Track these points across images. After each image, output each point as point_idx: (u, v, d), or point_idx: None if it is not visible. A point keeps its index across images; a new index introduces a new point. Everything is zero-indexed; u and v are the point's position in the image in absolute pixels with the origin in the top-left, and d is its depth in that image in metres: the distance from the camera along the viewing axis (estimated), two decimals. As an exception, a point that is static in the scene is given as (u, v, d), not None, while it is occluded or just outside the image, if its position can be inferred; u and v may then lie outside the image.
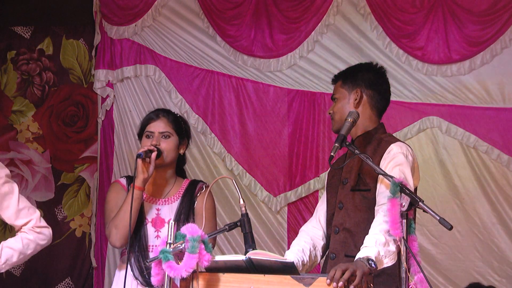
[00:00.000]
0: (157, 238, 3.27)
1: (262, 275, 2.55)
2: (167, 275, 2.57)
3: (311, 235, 3.18)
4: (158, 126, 3.38)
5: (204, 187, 3.44)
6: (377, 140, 3.11)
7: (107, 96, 5.59)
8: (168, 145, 3.36)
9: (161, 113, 3.45)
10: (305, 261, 3.05)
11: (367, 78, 3.19)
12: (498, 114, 4.86)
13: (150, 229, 3.30)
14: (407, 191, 2.67)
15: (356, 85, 3.17)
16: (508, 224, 4.79)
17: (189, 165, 5.40)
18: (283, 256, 3.04)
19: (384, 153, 3.03)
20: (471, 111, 4.91)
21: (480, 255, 4.82)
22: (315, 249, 3.14)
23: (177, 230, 3.23)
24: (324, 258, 3.20)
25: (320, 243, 3.18)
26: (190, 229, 2.59)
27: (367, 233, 2.80)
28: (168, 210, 3.35)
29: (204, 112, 5.43)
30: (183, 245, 2.58)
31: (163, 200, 3.38)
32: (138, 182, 3.23)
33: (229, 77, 5.40)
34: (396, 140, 3.11)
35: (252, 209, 5.21)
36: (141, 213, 3.30)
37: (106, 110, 5.58)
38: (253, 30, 5.32)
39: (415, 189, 3.07)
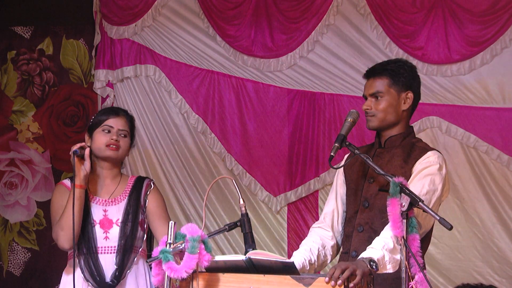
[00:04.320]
0: (106, 239, 3.24)
1: (262, 275, 2.55)
2: (167, 276, 2.56)
3: (320, 235, 3.15)
4: (119, 123, 3.34)
5: (151, 184, 3.40)
6: (409, 144, 3.10)
7: (107, 96, 5.59)
8: (124, 144, 3.33)
9: (121, 111, 3.42)
10: (313, 260, 3.02)
11: (414, 79, 3.16)
12: (498, 114, 4.86)
13: (98, 231, 3.25)
14: (407, 191, 2.67)
15: (407, 87, 3.12)
16: (508, 224, 4.79)
17: (189, 165, 5.41)
18: (284, 256, 3.04)
19: (420, 158, 3.02)
20: (471, 111, 4.91)
21: (480, 255, 4.82)
22: (324, 248, 3.11)
23: (125, 231, 3.24)
24: (339, 256, 3.16)
25: (330, 242, 3.14)
26: (190, 229, 2.59)
27: None
28: (115, 210, 3.30)
29: (204, 112, 5.42)
30: (183, 245, 2.57)
31: (110, 200, 3.32)
32: (77, 180, 3.18)
33: (229, 77, 5.40)
34: (431, 148, 3.11)
35: (252, 209, 5.21)
36: (88, 214, 3.26)
37: (106, 110, 5.57)
38: (253, 30, 5.32)
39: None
